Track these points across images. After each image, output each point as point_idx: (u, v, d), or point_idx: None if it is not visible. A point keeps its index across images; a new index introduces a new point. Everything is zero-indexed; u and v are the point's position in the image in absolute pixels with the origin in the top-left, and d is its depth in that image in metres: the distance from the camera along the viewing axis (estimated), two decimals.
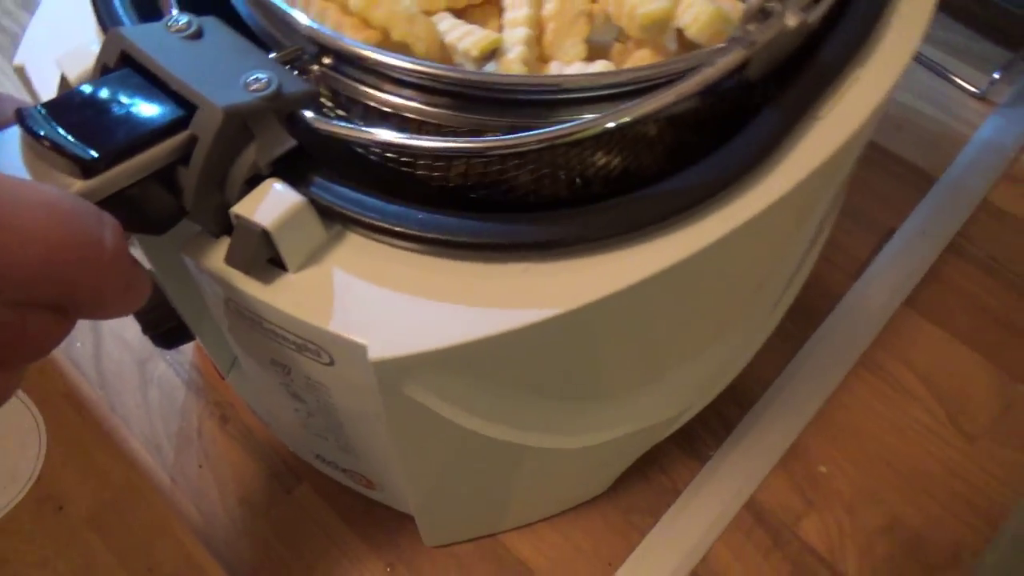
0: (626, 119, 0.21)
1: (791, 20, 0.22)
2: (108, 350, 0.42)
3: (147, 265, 0.28)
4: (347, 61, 0.23)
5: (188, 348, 0.42)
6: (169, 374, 0.41)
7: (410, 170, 0.24)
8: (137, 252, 0.28)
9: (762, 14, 0.21)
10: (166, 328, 0.32)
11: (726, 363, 0.35)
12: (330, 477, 0.37)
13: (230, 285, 0.22)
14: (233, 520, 0.37)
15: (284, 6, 0.23)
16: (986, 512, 0.36)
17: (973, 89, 0.48)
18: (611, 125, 0.21)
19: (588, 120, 0.21)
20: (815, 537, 0.36)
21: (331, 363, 0.22)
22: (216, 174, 0.20)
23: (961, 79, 0.48)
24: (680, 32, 0.24)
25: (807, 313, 0.41)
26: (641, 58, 0.24)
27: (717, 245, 0.22)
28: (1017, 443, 0.38)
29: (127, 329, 0.42)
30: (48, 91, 0.25)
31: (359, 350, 0.21)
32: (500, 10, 0.26)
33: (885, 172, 0.46)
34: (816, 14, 0.23)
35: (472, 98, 0.22)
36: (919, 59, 0.50)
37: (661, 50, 0.24)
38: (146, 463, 0.38)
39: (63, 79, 0.23)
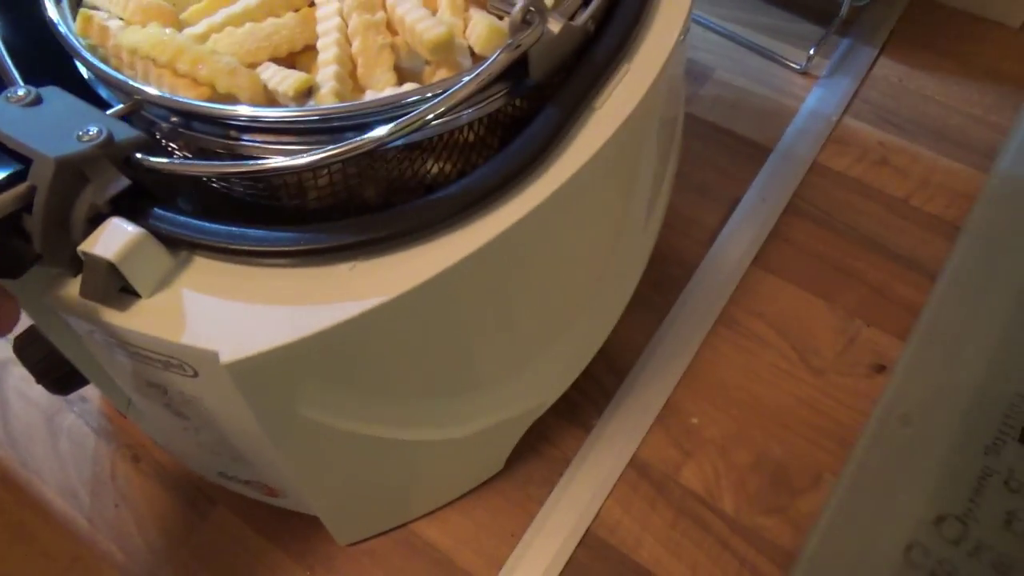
0: (390, 132, 0.24)
1: (554, 26, 0.26)
2: (15, 411, 0.43)
3: (29, 320, 0.31)
4: (186, 115, 0.26)
5: (95, 396, 0.43)
6: (78, 424, 0.43)
7: (243, 193, 0.27)
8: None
9: (525, 24, 0.25)
10: (58, 375, 0.34)
11: (584, 343, 0.39)
12: (240, 494, 0.39)
13: (90, 317, 0.24)
14: (155, 552, 0.39)
15: (122, 76, 0.26)
16: (838, 436, 0.40)
17: (795, 65, 0.53)
18: (382, 132, 0.24)
19: (363, 138, 0.24)
20: (695, 482, 0.39)
21: (196, 375, 0.25)
22: (57, 216, 0.23)
23: (785, 58, 0.53)
24: (471, 48, 0.28)
25: (668, 283, 0.45)
26: (441, 76, 0.28)
27: (515, 230, 0.25)
28: (860, 371, 0.42)
29: (32, 388, 0.44)
30: None
31: (212, 356, 0.23)
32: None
33: (726, 149, 0.50)
34: (582, 19, 0.27)
35: (288, 131, 0.25)
36: (748, 45, 0.55)
37: (456, 67, 0.28)
38: (62, 511, 0.40)
39: None
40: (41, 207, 0.22)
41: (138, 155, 0.24)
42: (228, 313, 0.24)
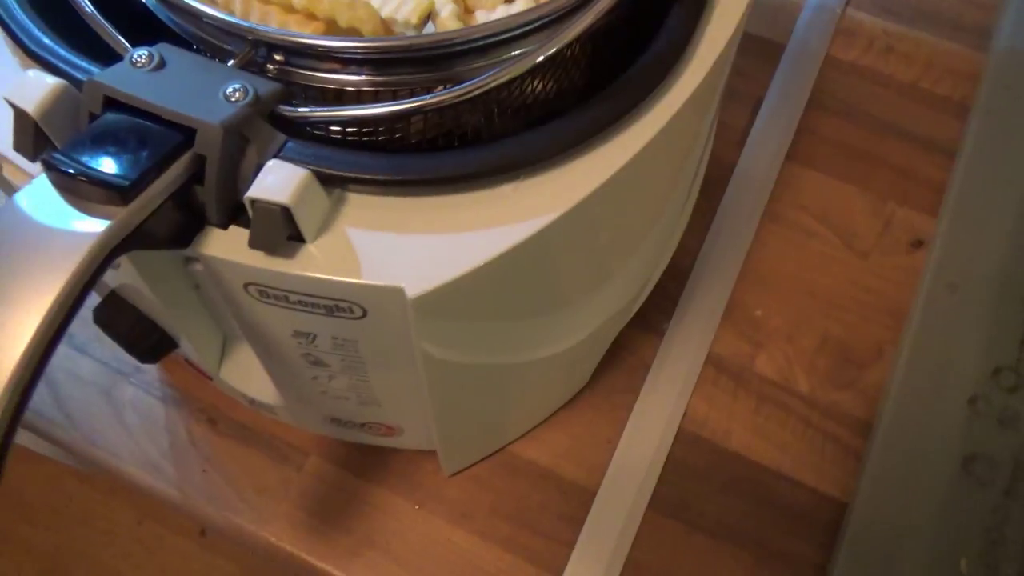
0: (562, 43, 0.24)
1: None
2: (67, 391, 0.41)
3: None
4: (300, 54, 0.24)
5: (149, 366, 0.42)
6: (140, 395, 0.41)
7: (371, 138, 0.26)
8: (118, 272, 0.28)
9: None
10: (150, 342, 0.32)
11: (663, 247, 0.40)
12: (338, 441, 0.39)
13: (256, 269, 0.23)
14: (257, 510, 0.38)
15: (230, 17, 0.24)
16: (891, 310, 0.43)
17: None
18: (554, 51, 0.24)
19: (522, 55, 0.24)
20: (769, 369, 0.41)
21: (363, 315, 0.25)
22: (229, 181, 0.22)
23: None
24: None
25: (710, 186, 0.46)
26: None
27: (666, 130, 0.25)
28: (900, 249, 0.45)
29: (79, 364, 0.42)
30: None
31: (396, 293, 0.23)
32: None
33: (740, 49, 0.51)
34: None
35: (424, 60, 0.24)
36: None
37: None
38: (148, 484, 0.39)
39: (21, 113, 0.23)
40: (214, 175, 0.21)
41: (284, 108, 0.23)
42: (400, 247, 0.23)
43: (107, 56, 0.25)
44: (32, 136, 0.23)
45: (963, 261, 0.43)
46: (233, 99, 0.22)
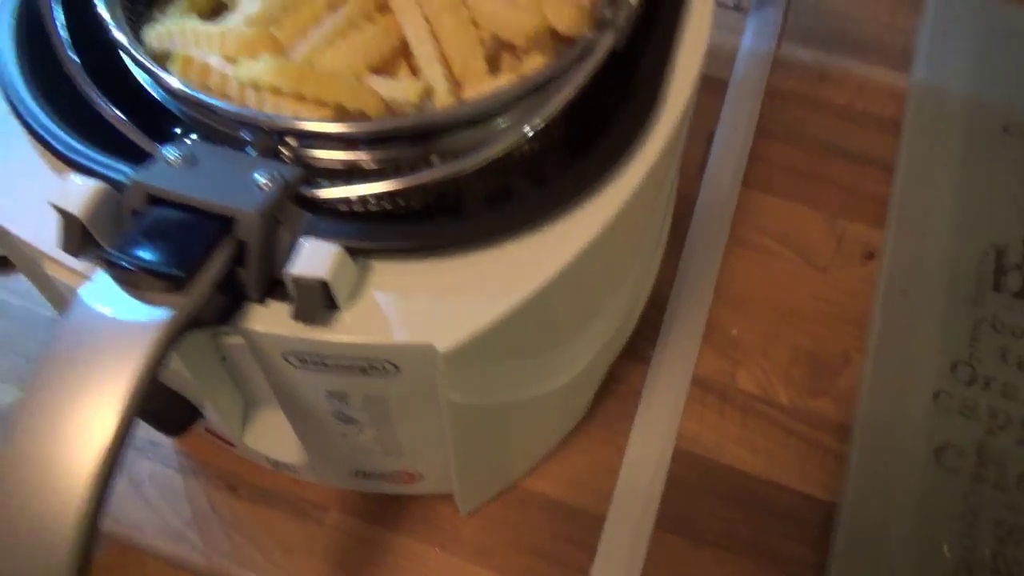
0: (547, 117, 0.27)
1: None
2: None
3: None
4: (314, 138, 0.27)
5: (165, 439, 0.43)
6: (158, 468, 0.42)
7: (384, 208, 0.29)
8: None
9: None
10: (180, 415, 0.34)
11: (645, 279, 0.43)
12: (356, 494, 0.41)
13: (298, 339, 0.25)
14: (283, 568, 0.40)
15: (248, 111, 0.27)
16: (852, 319, 0.47)
17: (728, 3, 0.58)
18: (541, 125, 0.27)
19: (509, 127, 0.27)
20: (750, 384, 0.45)
21: (396, 371, 0.27)
22: (267, 261, 0.24)
23: None
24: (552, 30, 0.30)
25: (677, 219, 0.49)
26: (536, 61, 0.30)
27: (650, 174, 0.29)
28: (855, 261, 0.49)
29: None
30: (36, 234, 0.26)
31: (428, 350, 0.25)
32: (404, 56, 0.30)
33: None
34: None
35: (420, 136, 0.27)
36: None
37: (547, 50, 0.30)
38: (175, 554, 0.40)
39: (69, 217, 0.25)
40: (255, 257, 0.24)
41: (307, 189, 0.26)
42: (424, 306, 0.26)
43: (130, 152, 0.27)
44: (79, 236, 0.25)
45: (911, 268, 0.48)
46: (264, 187, 0.25)
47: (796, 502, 0.42)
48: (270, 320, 0.25)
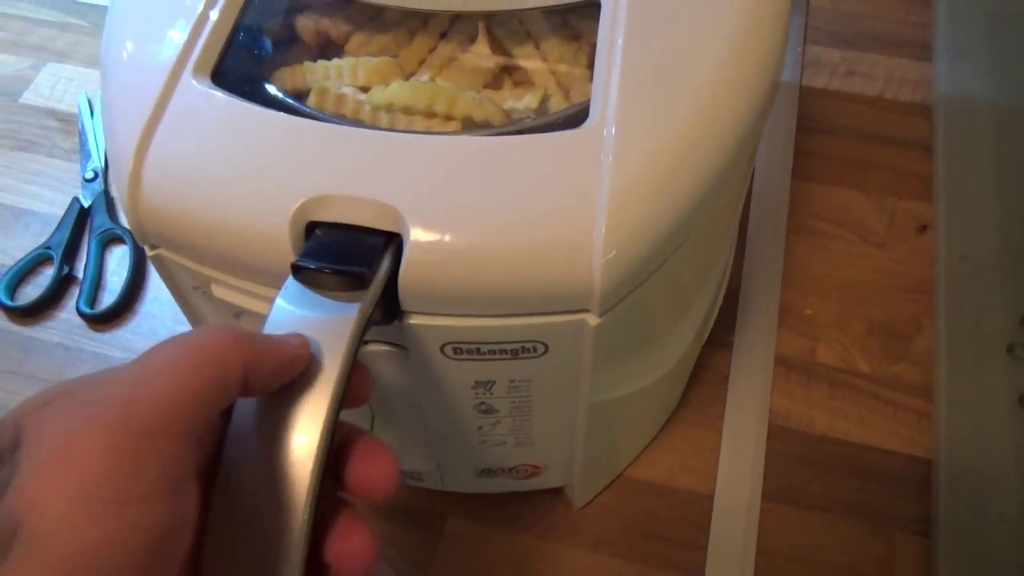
0: None
1: None
2: None
3: None
4: None
5: None
6: None
7: None
8: None
9: None
10: None
11: (724, 270, 0.45)
12: (470, 499, 0.42)
13: (459, 327, 0.27)
14: None
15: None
16: (917, 288, 0.49)
17: None
18: None
19: None
20: (831, 358, 0.47)
21: (544, 352, 0.29)
22: None
23: None
24: None
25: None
26: None
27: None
28: (910, 235, 0.51)
29: None
30: None
31: (580, 324, 0.27)
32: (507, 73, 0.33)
33: None
34: None
35: None
36: None
37: None
38: None
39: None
40: None
41: None
42: None
43: None
44: None
45: (966, 234, 0.50)
46: None
47: (893, 462, 0.43)
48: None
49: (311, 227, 0.27)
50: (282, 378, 0.22)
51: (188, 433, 0.19)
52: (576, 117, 0.28)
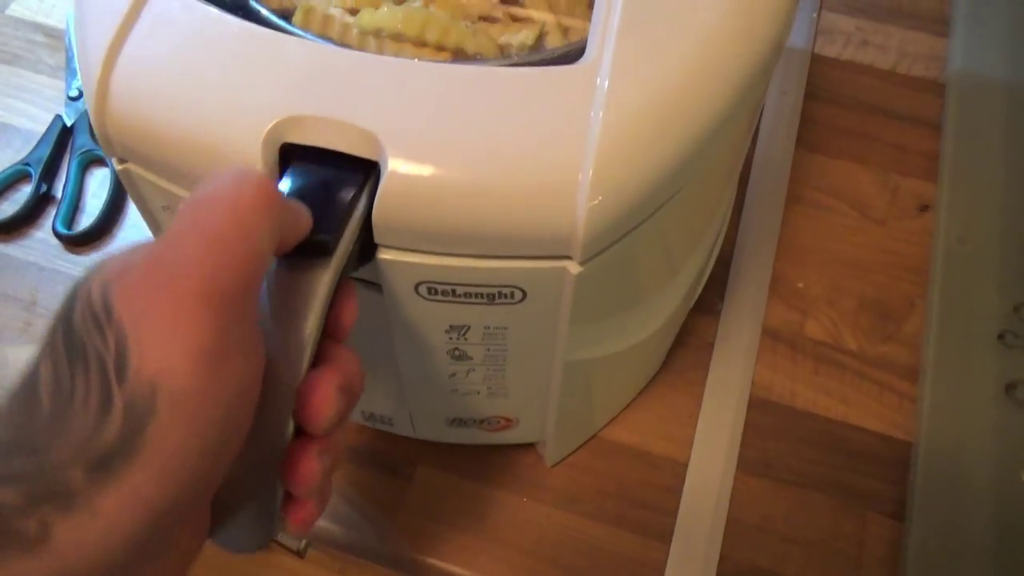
0: None
1: None
2: None
3: None
4: None
5: None
6: None
7: None
8: None
9: None
10: None
11: (716, 236, 0.44)
12: (442, 449, 0.41)
13: (434, 266, 0.26)
14: (376, 523, 0.40)
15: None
16: (913, 267, 0.48)
17: None
18: None
19: None
20: (819, 333, 0.46)
21: (522, 299, 0.28)
22: None
23: None
24: None
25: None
26: None
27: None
28: (910, 213, 0.50)
29: None
30: None
31: (560, 272, 0.26)
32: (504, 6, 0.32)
33: None
34: None
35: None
36: None
37: None
38: None
39: None
40: None
41: None
42: None
43: None
44: None
45: (967, 217, 0.49)
46: None
47: (873, 442, 0.43)
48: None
49: (286, 150, 0.26)
50: (297, 238, 0.22)
51: (256, 296, 0.20)
52: (571, 56, 0.27)
